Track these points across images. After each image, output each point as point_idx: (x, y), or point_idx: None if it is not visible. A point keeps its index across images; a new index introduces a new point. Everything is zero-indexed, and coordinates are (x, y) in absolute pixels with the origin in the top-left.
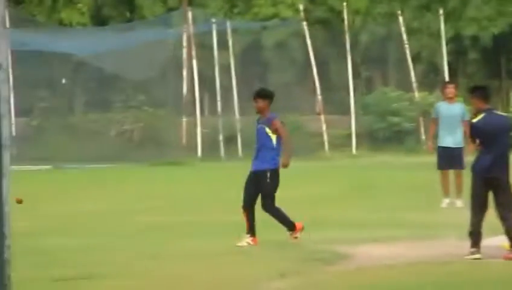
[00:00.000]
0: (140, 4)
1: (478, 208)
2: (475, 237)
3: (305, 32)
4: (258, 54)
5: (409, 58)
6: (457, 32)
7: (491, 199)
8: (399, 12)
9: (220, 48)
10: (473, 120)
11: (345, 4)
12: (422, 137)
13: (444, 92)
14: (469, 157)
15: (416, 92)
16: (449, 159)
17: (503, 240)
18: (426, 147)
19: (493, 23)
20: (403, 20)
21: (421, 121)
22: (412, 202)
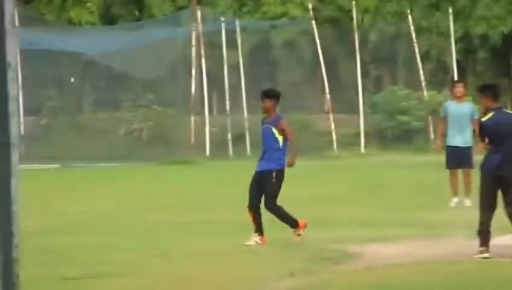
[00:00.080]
0: (149, 3)
1: (487, 206)
2: (484, 236)
3: (314, 31)
4: (266, 52)
5: (418, 57)
6: (467, 31)
7: (500, 197)
8: (408, 11)
9: (228, 47)
10: (482, 119)
11: (354, 3)
12: (431, 136)
13: (452, 91)
14: (478, 156)
15: (425, 90)
16: (458, 158)
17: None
18: (435, 146)
19: (502, 22)
20: (412, 19)
21: (430, 120)
22: (420, 201)
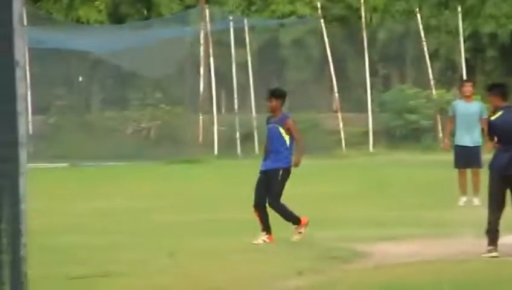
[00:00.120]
0: (157, 2)
1: (495, 206)
2: (492, 235)
3: (322, 29)
4: (275, 51)
5: (427, 56)
6: (475, 30)
7: (508, 197)
8: (417, 9)
9: (237, 46)
10: (491, 118)
11: (362, 1)
12: (440, 135)
13: (461, 91)
14: (487, 155)
15: (433, 89)
16: (466, 157)
17: None
18: (443, 145)
19: (511, 21)
20: (421, 17)
21: (438, 119)
22: (429, 200)
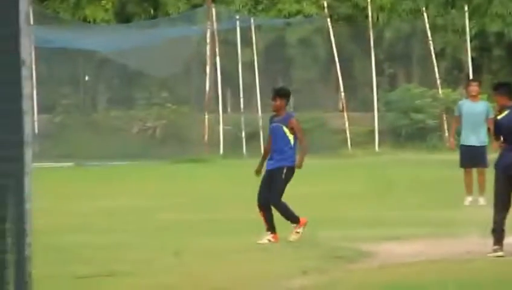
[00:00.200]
0: (164, 1)
1: (501, 205)
2: (498, 234)
3: (329, 29)
4: (281, 50)
5: (433, 55)
6: (482, 29)
7: None
8: (423, 8)
9: (243, 45)
10: (497, 117)
11: (369, 1)
12: (446, 134)
13: (467, 90)
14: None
15: (440, 88)
16: (472, 157)
17: None
18: (448, 144)
19: None
20: (427, 16)
21: (444, 118)
22: (434, 199)
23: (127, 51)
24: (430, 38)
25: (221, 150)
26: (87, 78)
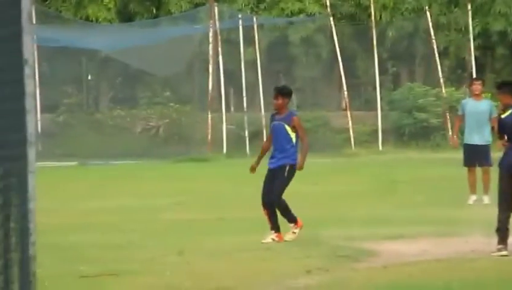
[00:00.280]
0: (166, 0)
1: (505, 204)
2: (502, 233)
3: (331, 27)
4: (284, 49)
5: (436, 54)
6: (485, 28)
7: None
8: (426, 7)
9: (246, 44)
10: (501, 116)
11: None
12: (449, 133)
13: (470, 89)
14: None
15: (443, 87)
16: (475, 156)
17: None
18: (451, 143)
19: None
20: (430, 15)
21: (448, 117)
22: (438, 198)
23: (130, 50)
24: (433, 37)
25: (225, 149)
26: (89, 77)
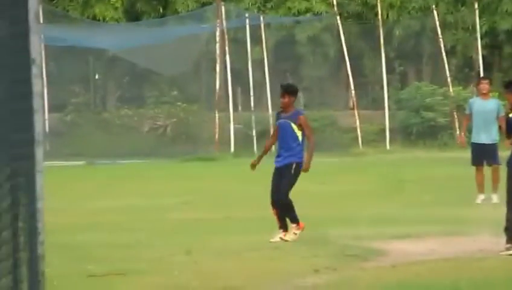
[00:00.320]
0: None
1: None
2: (510, 233)
3: (338, 26)
4: (291, 48)
5: (444, 53)
6: (492, 27)
7: None
8: (433, 6)
9: (253, 43)
10: (509, 115)
11: None
12: (457, 132)
13: (478, 88)
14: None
15: (450, 86)
16: (483, 155)
17: None
18: (459, 142)
19: None
20: (438, 14)
21: (455, 116)
22: (446, 197)
23: (137, 49)
24: (440, 36)
25: (232, 149)
26: (97, 76)
